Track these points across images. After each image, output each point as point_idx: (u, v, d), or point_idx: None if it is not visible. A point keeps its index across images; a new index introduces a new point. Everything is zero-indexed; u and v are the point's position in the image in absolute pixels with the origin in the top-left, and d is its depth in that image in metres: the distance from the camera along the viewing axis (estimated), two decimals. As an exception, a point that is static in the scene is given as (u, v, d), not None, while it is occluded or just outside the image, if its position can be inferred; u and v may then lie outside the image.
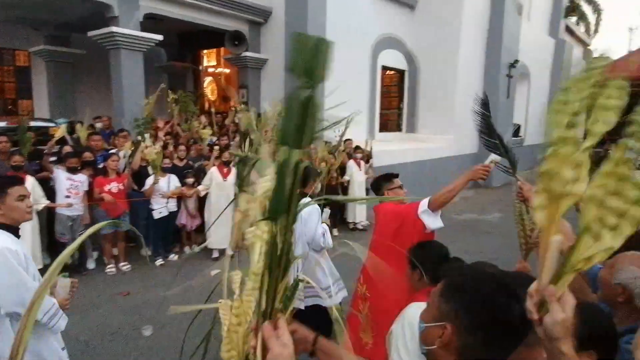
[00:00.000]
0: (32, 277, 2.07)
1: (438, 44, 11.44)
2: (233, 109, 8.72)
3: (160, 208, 5.87)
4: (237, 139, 7.40)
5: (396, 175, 3.34)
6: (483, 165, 2.69)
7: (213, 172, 6.18)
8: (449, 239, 2.72)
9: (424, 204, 2.78)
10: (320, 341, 1.16)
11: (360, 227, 8.05)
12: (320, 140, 8.46)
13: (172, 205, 6.02)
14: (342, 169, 7.86)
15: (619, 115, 0.79)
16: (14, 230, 2.15)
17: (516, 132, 15.07)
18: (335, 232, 7.68)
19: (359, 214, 8.02)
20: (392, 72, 12.11)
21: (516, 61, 12.78)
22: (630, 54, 19.72)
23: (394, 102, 12.49)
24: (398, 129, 12.50)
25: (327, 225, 3.68)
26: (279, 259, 0.87)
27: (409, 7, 11.64)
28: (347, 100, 10.14)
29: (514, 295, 0.96)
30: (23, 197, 2.15)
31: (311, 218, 3.49)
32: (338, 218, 7.95)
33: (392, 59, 11.50)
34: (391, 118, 12.50)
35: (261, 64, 9.42)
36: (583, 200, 0.80)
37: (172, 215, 6.06)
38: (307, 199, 3.45)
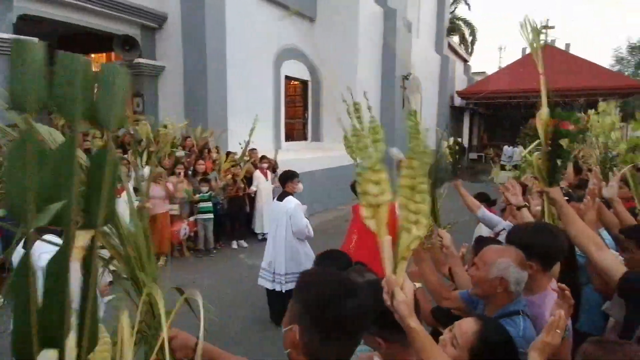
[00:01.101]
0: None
1: (337, 56, 11.91)
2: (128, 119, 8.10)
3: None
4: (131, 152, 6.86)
5: None
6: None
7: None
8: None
9: None
10: (201, 346, 1.12)
11: (270, 238, 7.96)
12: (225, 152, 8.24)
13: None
14: (249, 180, 7.71)
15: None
16: (58, 233, 2.13)
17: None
18: (244, 243, 7.49)
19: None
20: (296, 82, 12.31)
21: (409, 74, 13.87)
22: (500, 71, 22.69)
23: (299, 111, 12.69)
24: (304, 138, 12.71)
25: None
26: None
27: (309, 20, 11.97)
28: (251, 110, 9.89)
29: (352, 294, 1.01)
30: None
31: (296, 212, 4.28)
32: (245, 229, 7.78)
33: (295, 69, 11.70)
34: (297, 127, 12.68)
35: (157, 71, 8.88)
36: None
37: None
38: (290, 197, 4.39)
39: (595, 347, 1.27)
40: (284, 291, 4.30)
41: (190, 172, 7.21)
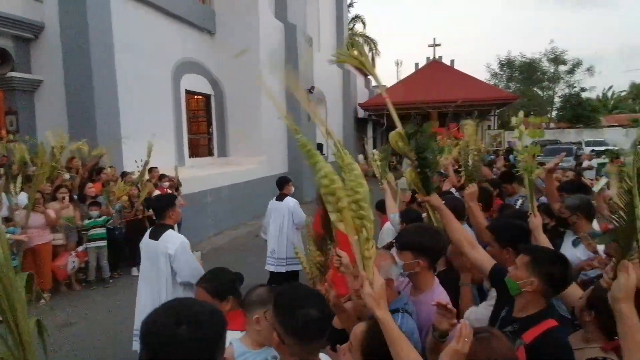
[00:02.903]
0: None
1: (240, 70, 11.68)
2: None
3: None
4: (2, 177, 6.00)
5: None
6: None
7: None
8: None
9: None
10: None
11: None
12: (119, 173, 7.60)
13: None
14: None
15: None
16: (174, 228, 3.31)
17: (319, 151, 16.79)
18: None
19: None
20: (199, 96, 11.92)
21: (312, 87, 14.25)
22: (397, 84, 24.45)
23: (203, 126, 12.29)
24: (209, 153, 12.31)
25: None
26: None
27: (208, 33, 11.71)
28: (149, 125, 9.28)
29: (184, 322, 0.99)
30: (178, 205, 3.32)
31: (297, 208, 5.50)
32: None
33: (196, 83, 11.33)
34: (201, 143, 12.24)
35: (34, 86, 7.95)
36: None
37: None
38: (288, 197, 5.57)
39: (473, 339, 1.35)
40: (285, 271, 5.41)
41: (76, 196, 6.51)
